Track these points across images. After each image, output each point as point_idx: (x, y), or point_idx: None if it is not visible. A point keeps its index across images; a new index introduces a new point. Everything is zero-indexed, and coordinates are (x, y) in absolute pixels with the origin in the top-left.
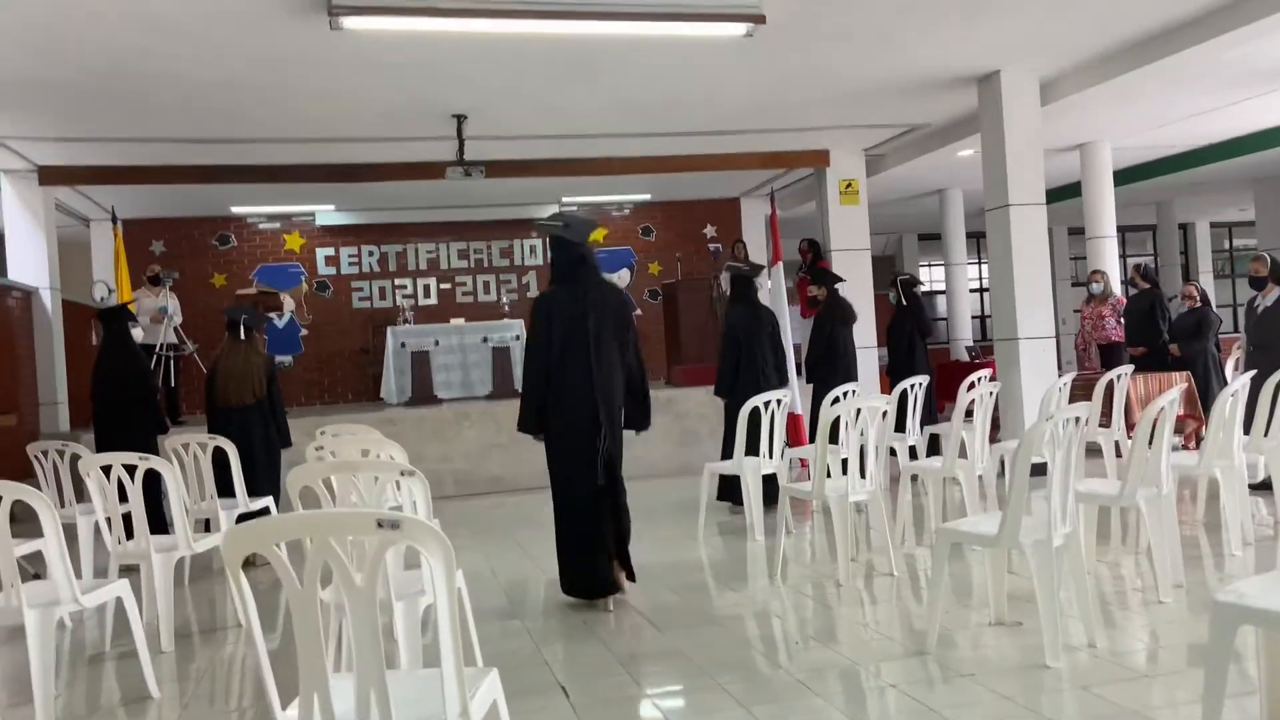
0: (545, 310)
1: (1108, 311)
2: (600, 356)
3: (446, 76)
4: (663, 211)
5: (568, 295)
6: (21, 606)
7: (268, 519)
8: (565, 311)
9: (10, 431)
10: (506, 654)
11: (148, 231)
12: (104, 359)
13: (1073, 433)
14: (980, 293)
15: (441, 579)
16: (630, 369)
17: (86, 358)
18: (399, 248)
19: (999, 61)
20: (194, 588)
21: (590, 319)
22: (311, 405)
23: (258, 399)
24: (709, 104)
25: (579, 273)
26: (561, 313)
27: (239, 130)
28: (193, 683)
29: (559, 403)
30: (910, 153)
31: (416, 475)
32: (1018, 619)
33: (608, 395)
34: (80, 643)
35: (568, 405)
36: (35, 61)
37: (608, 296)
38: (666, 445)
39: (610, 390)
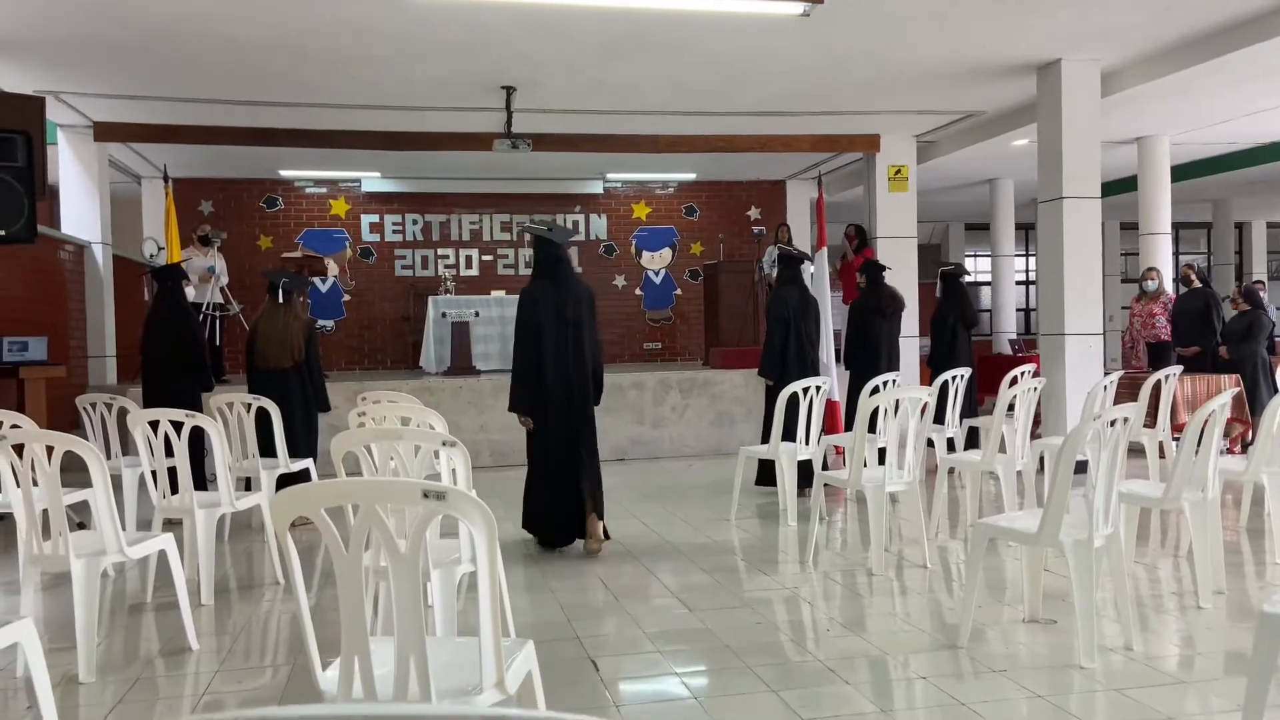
0: (532, 302)
1: (1159, 310)
2: (576, 341)
3: (499, 48)
4: (707, 191)
5: (550, 289)
6: (69, 555)
7: (316, 484)
8: (549, 303)
9: (59, 383)
10: (538, 625)
11: (197, 191)
12: (155, 316)
13: (1118, 433)
14: (1026, 285)
15: (484, 551)
16: (594, 353)
17: (134, 313)
18: (443, 217)
19: (1060, 50)
20: (232, 544)
21: (569, 309)
22: (351, 370)
23: (296, 363)
24: (761, 84)
25: (559, 270)
26: (546, 304)
27: (291, 94)
28: (229, 637)
29: (541, 379)
30: (962, 140)
31: (458, 446)
32: (1052, 617)
33: (581, 373)
34: (120, 592)
35: (549, 381)
36: (98, 20)
37: (580, 291)
38: (701, 426)
39: (583, 368)
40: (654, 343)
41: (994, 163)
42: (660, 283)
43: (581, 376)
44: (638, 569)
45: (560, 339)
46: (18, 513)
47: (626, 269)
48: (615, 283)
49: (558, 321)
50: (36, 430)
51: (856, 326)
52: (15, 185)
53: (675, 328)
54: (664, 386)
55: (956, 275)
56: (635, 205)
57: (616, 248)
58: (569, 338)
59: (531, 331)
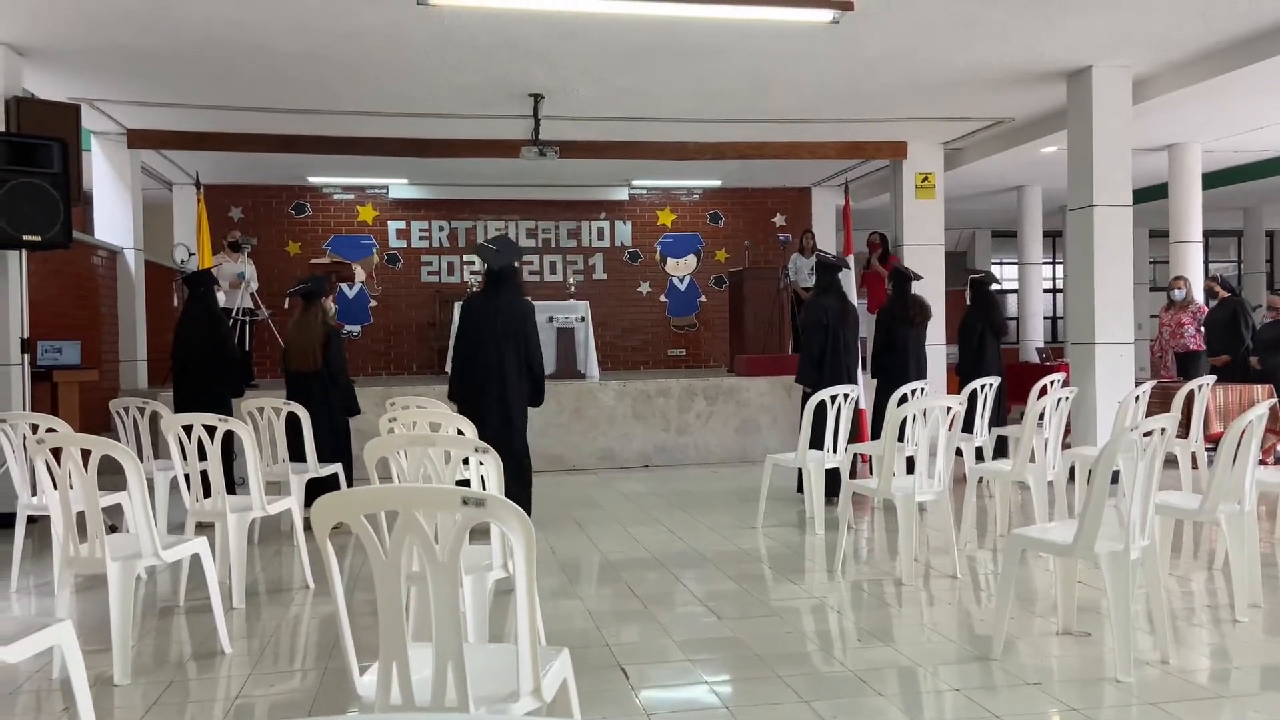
0: (465, 311)
1: (1188, 319)
2: (503, 347)
3: (526, 55)
4: (732, 198)
5: (487, 301)
6: (105, 558)
7: (356, 490)
8: (483, 313)
9: (91, 386)
10: (567, 633)
11: (227, 197)
12: (187, 321)
13: (1155, 444)
14: (1053, 293)
15: (522, 557)
16: (528, 359)
17: (164, 317)
18: (468, 224)
19: (1091, 57)
20: (262, 548)
21: (499, 320)
22: (377, 376)
23: (318, 367)
24: (789, 91)
25: (499, 286)
26: (480, 314)
27: (320, 101)
28: (260, 640)
29: (472, 375)
30: (991, 147)
31: (490, 452)
32: (1086, 630)
33: (503, 373)
34: (151, 595)
35: (479, 378)
36: (132, 29)
37: (515, 305)
38: (727, 433)
39: (506, 370)
40: (678, 349)
41: (1022, 170)
42: (685, 289)
43: (503, 373)
44: (665, 576)
45: (491, 345)
46: (54, 515)
47: (651, 276)
48: (640, 289)
49: (489, 329)
50: (74, 434)
51: (884, 334)
52: (51, 192)
53: (699, 335)
54: (689, 393)
55: (986, 283)
56: (660, 212)
57: (641, 254)
58: (496, 342)
59: (468, 336)
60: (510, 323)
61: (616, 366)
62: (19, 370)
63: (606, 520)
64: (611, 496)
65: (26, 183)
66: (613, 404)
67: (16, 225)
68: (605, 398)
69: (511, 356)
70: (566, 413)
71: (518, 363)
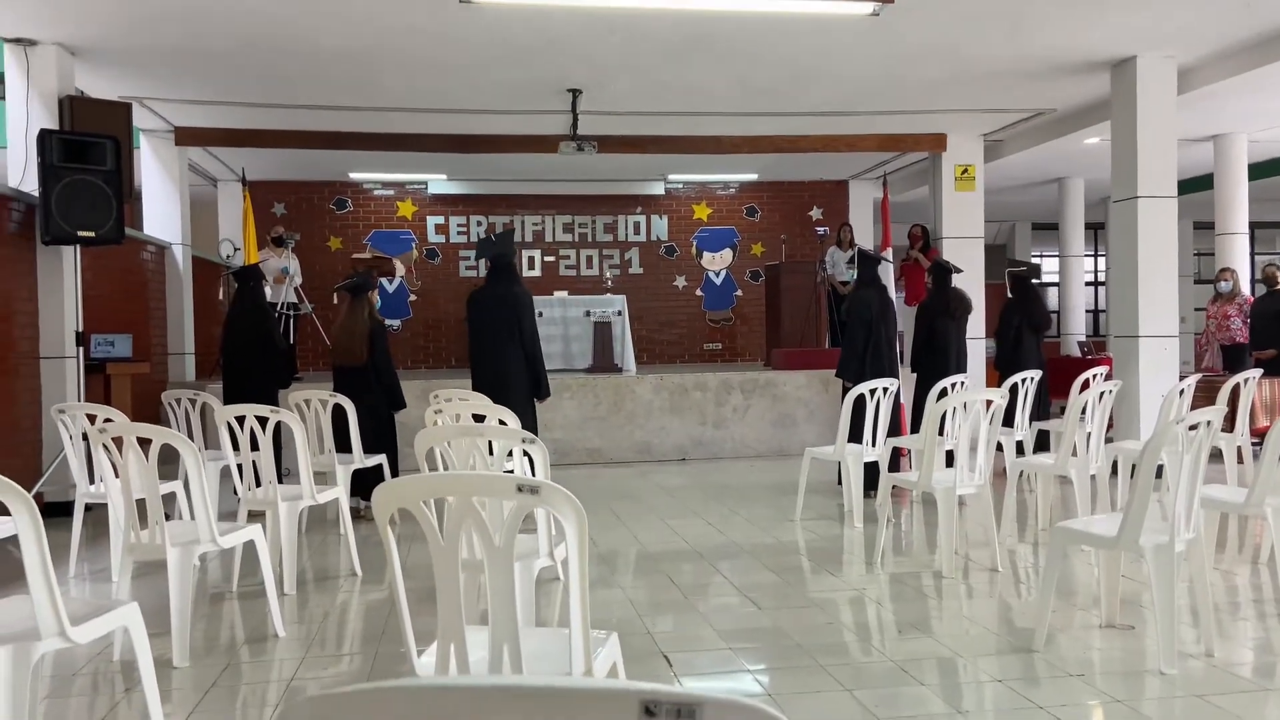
0: (471, 304)
1: (1234, 311)
2: (500, 336)
3: (566, 51)
4: (769, 192)
5: (487, 290)
6: (165, 544)
7: (415, 478)
8: (485, 302)
9: (142, 379)
10: (608, 621)
11: (270, 193)
12: (236, 315)
13: (1201, 437)
14: (1094, 286)
15: (574, 543)
16: (524, 347)
17: (211, 311)
18: (506, 218)
19: (1135, 47)
20: (309, 537)
21: (496, 310)
22: (417, 369)
23: (364, 360)
24: (827, 84)
25: (500, 276)
26: (482, 303)
27: (363, 99)
28: (309, 626)
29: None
30: (1032, 139)
31: (537, 443)
32: (1129, 623)
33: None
34: (204, 583)
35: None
36: (185, 30)
37: (509, 295)
38: (763, 427)
39: (503, 359)
40: (714, 343)
41: (1064, 161)
42: (721, 283)
43: (505, 363)
44: (704, 567)
45: (493, 334)
46: (114, 503)
47: (687, 270)
48: (676, 283)
49: (491, 318)
50: (134, 424)
51: (924, 328)
52: (104, 188)
53: (735, 328)
54: (725, 387)
55: (1025, 276)
56: (696, 206)
57: (677, 249)
58: (497, 333)
59: (472, 326)
60: (505, 312)
61: (653, 360)
62: (74, 363)
63: (645, 512)
64: (649, 489)
65: (80, 180)
66: (650, 397)
67: (71, 221)
68: (642, 391)
69: (507, 345)
70: (604, 406)
71: (515, 351)
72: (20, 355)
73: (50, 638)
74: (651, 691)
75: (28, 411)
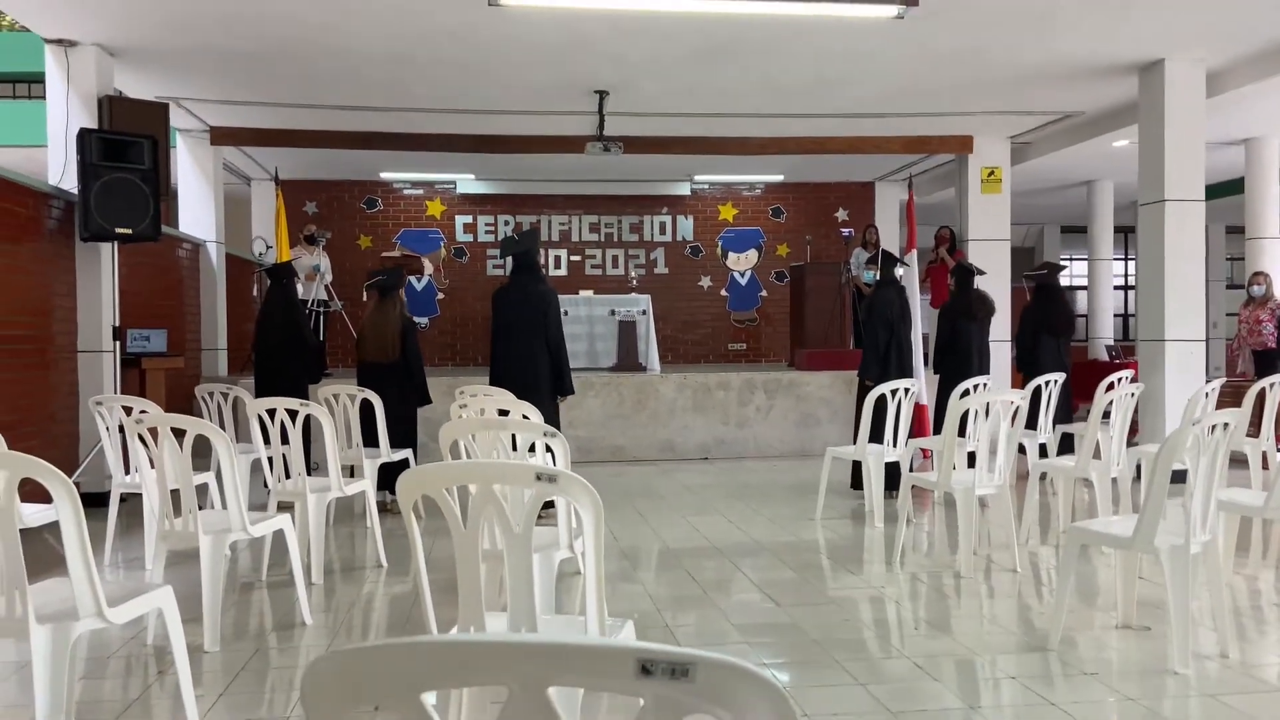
0: (495, 301)
1: (1265, 316)
2: (523, 333)
3: (594, 53)
4: (794, 193)
5: (513, 288)
6: (198, 532)
7: (438, 465)
8: (510, 299)
9: (177, 373)
10: (629, 614)
11: (302, 192)
12: (269, 311)
13: (1219, 439)
14: (1125, 290)
15: (591, 530)
16: (549, 344)
17: (243, 307)
18: (533, 218)
19: (1163, 50)
20: (336, 528)
21: (520, 308)
22: (444, 366)
23: (394, 357)
24: (853, 86)
25: (523, 274)
26: (507, 300)
27: (395, 100)
28: (336, 614)
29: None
30: (1059, 141)
31: (558, 436)
32: (1146, 624)
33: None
34: (233, 572)
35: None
36: (219, 32)
37: (534, 292)
38: (786, 427)
39: (527, 355)
40: (739, 343)
41: (1092, 164)
42: (745, 284)
43: (531, 360)
44: (724, 564)
45: (517, 331)
46: (149, 492)
47: (712, 270)
48: (701, 283)
49: (516, 315)
50: (169, 415)
51: (947, 330)
52: (141, 187)
53: (760, 329)
54: (749, 387)
55: (1044, 278)
56: (722, 207)
57: (703, 249)
58: (522, 330)
59: (496, 323)
60: (529, 309)
61: (677, 360)
62: (110, 357)
63: (667, 510)
64: (672, 487)
65: (119, 178)
66: (673, 396)
67: (109, 218)
68: (666, 390)
69: (532, 342)
70: (628, 404)
71: (539, 348)
72: (59, 349)
73: (88, 618)
74: (648, 650)
75: (65, 404)
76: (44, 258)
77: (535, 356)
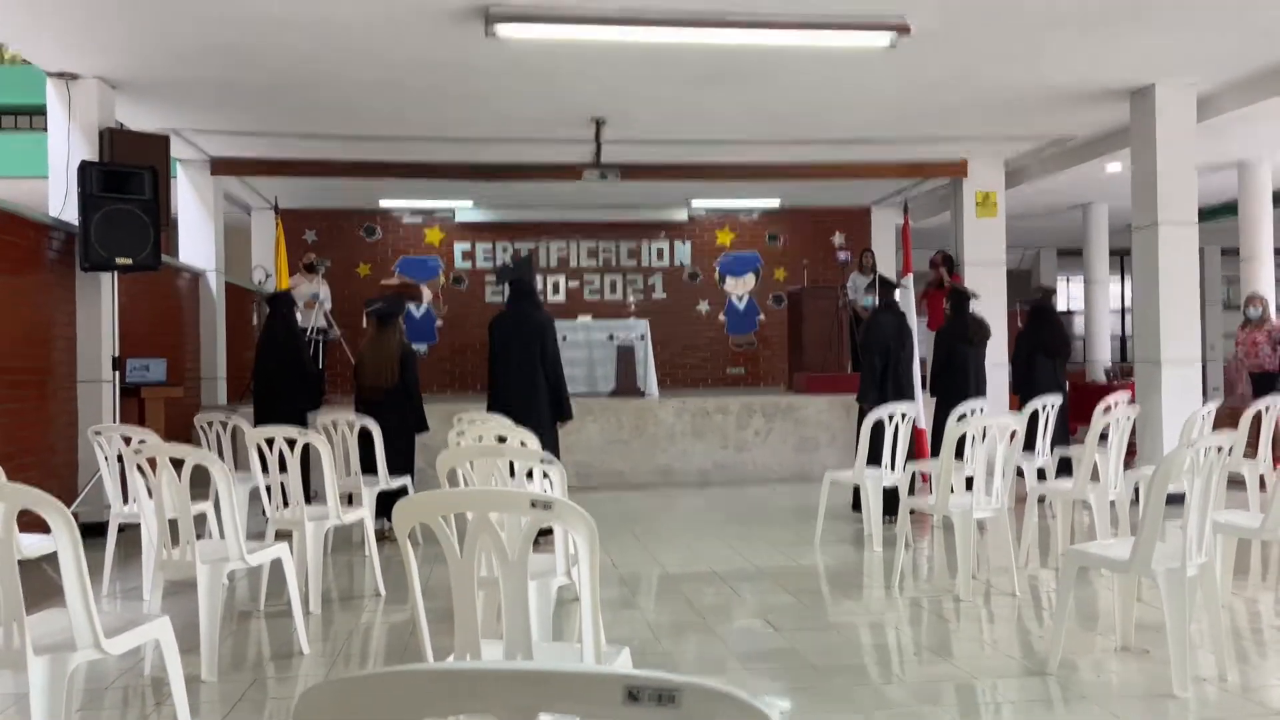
0: (492, 327)
1: (1262, 338)
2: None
3: (590, 82)
4: (791, 218)
5: (510, 315)
6: (195, 561)
7: (433, 493)
8: (507, 326)
9: (176, 402)
10: (627, 641)
11: (301, 221)
12: (268, 339)
13: (1214, 460)
14: (1122, 312)
15: (586, 557)
16: (546, 370)
17: (242, 336)
18: (531, 245)
19: (1153, 75)
20: (335, 557)
21: (517, 333)
22: (443, 393)
23: (393, 384)
24: (848, 112)
25: (520, 302)
26: (504, 327)
27: (394, 129)
28: (334, 643)
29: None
30: (1053, 165)
31: (555, 463)
32: (1145, 647)
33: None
34: (231, 601)
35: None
36: (223, 65)
37: (531, 318)
38: (785, 451)
39: (525, 381)
40: (737, 367)
41: (1087, 187)
42: (744, 308)
43: (529, 386)
44: (723, 589)
45: (515, 357)
46: (147, 521)
47: (710, 295)
48: (699, 308)
49: (513, 342)
50: (167, 445)
51: (943, 353)
52: (142, 217)
53: (758, 353)
54: (747, 411)
55: (1039, 302)
56: (719, 232)
57: (700, 274)
58: (520, 357)
59: (493, 350)
60: (526, 335)
61: (676, 384)
62: (110, 386)
63: (666, 535)
64: (671, 512)
65: (119, 209)
66: (672, 421)
67: (109, 248)
68: (665, 415)
69: (530, 368)
70: (627, 430)
71: (537, 374)
72: (58, 379)
73: (85, 649)
74: (635, 677)
75: (64, 434)
76: (44, 288)
77: (533, 382)
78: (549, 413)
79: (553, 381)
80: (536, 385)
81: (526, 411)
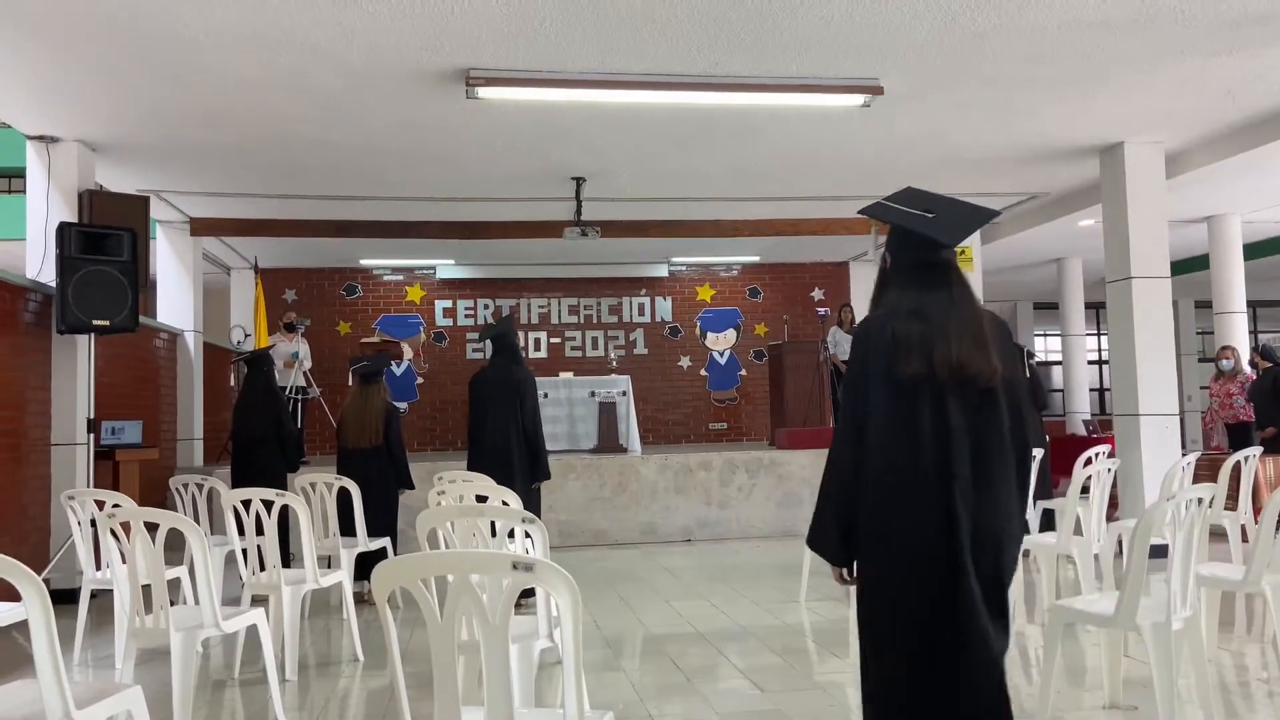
0: (472, 385)
1: (1236, 389)
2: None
3: (569, 142)
4: (770, 273)
5: (491, 371)
6: (169, 628)
7: (412, 556)
8: (488, 383)
9: (151, 464)
10: (612, 704)
11: (281, 280)
12: (247, 400)
13: (1195, 513)
14: (1100, 365)
15: (569, 620)
16: (524, 428)
17: (220, 397)
18: (512, 301)
19: (1122, 133)
20: (312, 621)
21: (497, 390)
22: (424, 451)
23: (375, 443)
24: (823, 169)
25: (501, 357)
26: (485, 384)
27: (374, 189)
28: (310, 713)
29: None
30: (1028, 221)
31: (536, 523)
32: (1133, 703)
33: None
34: (205, 670)
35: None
36: (203, 127)
37: (510, 374)
38: (769, 507)
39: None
40: (719, 423)
41: (1061, 242)
42: (725, 364)
43: (509, 443)
44: (707, 650)
45: (494, 414)
46: (120, 588)
47: (691, 350)
48: (680, 364)
49: (492, 400)
50: (141, 509)
51: None
52: (120, 279)
53: (740, 408)
54: (730, 467)
55: None
56: (700, 288)
57: (681, 329)
58: (500, 413)
59: (473, 407)
60: (505, 392)
61: (658, 440)
62: (84, 449)
63: (649, 594)
64: (654, 570)
65: (98, 270)
66: (654, 478)
67: (87, 311)
68: (647, 471)
69: (510, 426)
70: (609, 487)
71: (516, 431)
72: (31, 443)
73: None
74: None
75: (36, 499)
76: (20, 351)
77: (511, 440)
78: (529, 471)
79: (531, 439)
80: (515, 443)
81: (507, 470)
